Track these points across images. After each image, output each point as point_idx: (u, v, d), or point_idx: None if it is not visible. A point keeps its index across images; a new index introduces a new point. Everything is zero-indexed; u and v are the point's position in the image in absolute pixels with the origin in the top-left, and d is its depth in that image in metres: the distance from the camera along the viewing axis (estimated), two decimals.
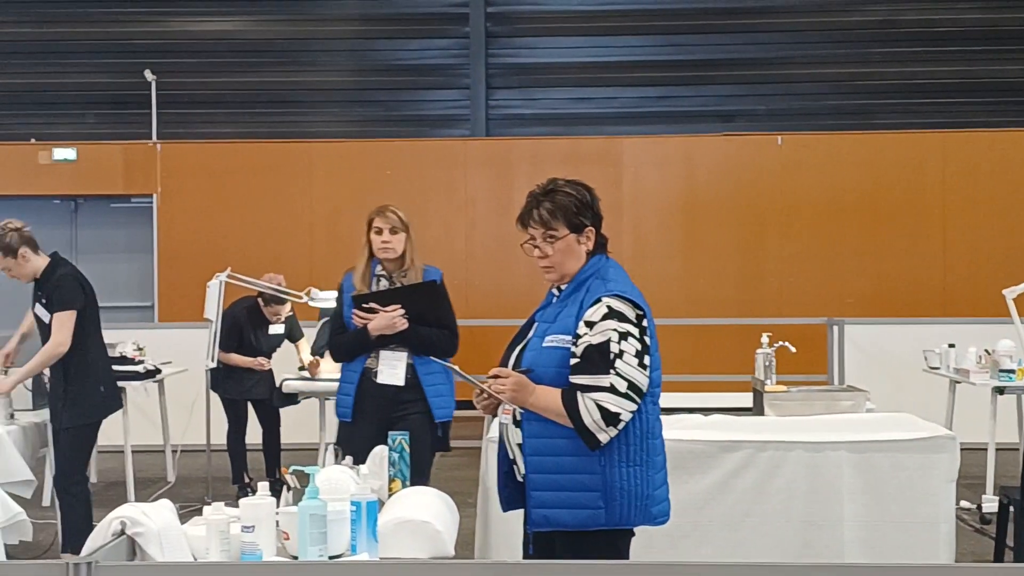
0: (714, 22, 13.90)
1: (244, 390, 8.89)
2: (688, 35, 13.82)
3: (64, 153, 12.90)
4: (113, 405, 6.83)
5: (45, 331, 6.62)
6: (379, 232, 5.59)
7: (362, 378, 5.53)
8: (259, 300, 8.87)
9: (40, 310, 6.61)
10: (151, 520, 3.16)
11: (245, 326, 8.87)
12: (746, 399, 7.03)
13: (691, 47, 13.83)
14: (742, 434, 5.91)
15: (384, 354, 5.52)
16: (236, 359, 8.85)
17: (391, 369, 5.51)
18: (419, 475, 4.80)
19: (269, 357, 9.01)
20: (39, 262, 6.59)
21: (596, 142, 12.89)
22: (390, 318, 5.41)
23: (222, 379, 8.82)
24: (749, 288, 12.26)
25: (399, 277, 5.61)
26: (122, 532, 3.11)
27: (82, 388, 6.57)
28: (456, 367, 4.18)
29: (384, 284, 5.60)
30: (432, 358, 5.19)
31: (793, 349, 6.90)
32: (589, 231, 3.85)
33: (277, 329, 9.02)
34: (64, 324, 6.46)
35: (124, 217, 13.27)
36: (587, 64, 13.80)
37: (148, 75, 13.01)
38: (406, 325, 5.43)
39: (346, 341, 5.57)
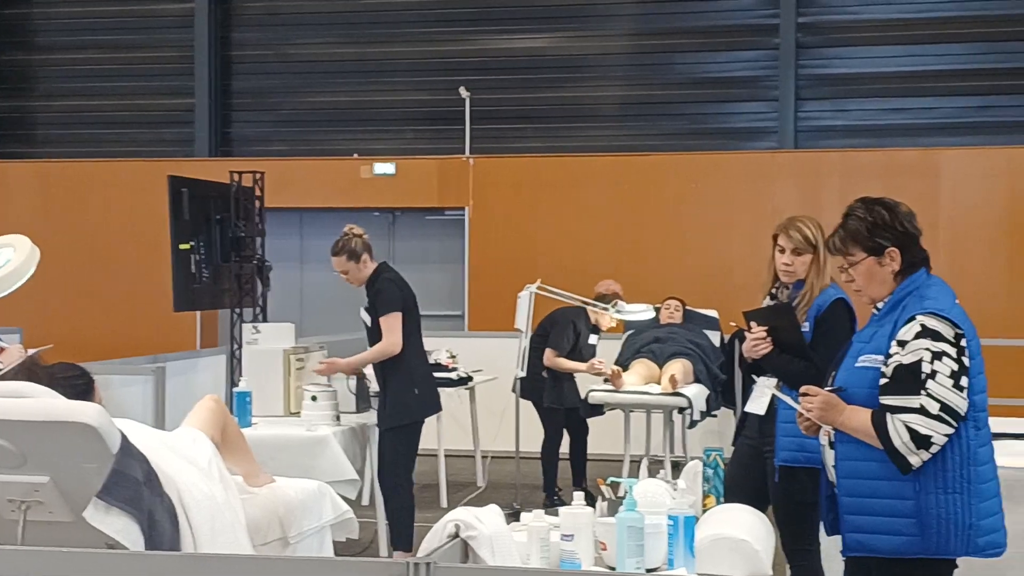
0: None
1: (564, 399, 8.91)
2: (1014, 42, 13.08)
3: (384, 168, 13.50)
4: (430, 408, 7.09)
5: (370, 334, 6.97)
6: (782, 251, 5.00)
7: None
8: (587, 309, 8.80)
9: (364, 314, 6.98)
10: (483, 525, 3.27)
11: (582, 330, 8.91)
12: None
13: (1018, 54, 13.07)
14: None
15: (761, 380, 5.01)
16: (569, 364, 8.80)
17: (758, 397, 5.02)
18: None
19: None
20: (370, 269, 6.96)
21: (912, 154, 12.41)
22: (749, 339, 4.91)
23: (548, 388, 8.83)
24: None
25: (782, 295, 5.06)
26: (456, 535, 3.23)
27: (398, 390, 6.87)
28: (773, 387, 4.15)
29: (766, 303, 5.12)
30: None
31: None
32: (892, 251, 3.78)
33: (594, 340, 9.07)
34: (392, 326, 6.78)
35: (438, 229, 13.76)
36: (903, 73, 13.29)
37: (462, 92, 13.43)
38: (766, 349, 4.86)
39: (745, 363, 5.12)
